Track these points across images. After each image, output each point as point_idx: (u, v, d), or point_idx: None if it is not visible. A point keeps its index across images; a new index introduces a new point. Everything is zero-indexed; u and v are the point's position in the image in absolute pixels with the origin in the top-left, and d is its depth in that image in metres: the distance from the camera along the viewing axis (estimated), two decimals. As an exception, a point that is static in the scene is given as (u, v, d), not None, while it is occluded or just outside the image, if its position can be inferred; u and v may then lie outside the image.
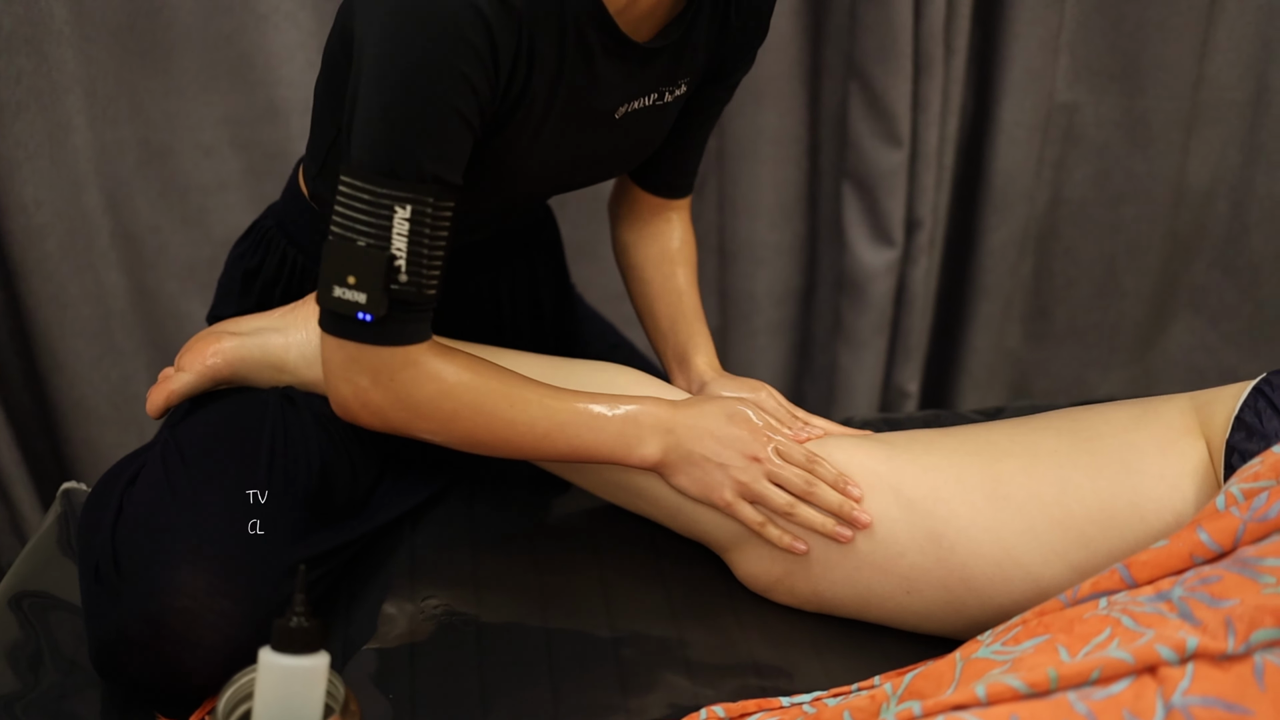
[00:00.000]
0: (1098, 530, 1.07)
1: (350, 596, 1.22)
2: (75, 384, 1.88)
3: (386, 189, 1.02)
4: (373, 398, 1.09)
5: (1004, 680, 0.87)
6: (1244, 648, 0.83)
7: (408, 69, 0.99)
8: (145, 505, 1.11)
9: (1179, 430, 1.09)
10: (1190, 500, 1.05)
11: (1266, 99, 2.00)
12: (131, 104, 1.76)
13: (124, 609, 1.05)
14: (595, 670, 1.13)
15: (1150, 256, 2.11)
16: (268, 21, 1.73)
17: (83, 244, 1.81)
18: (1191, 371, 2.24)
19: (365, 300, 1.03)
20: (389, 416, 1.11)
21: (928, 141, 1.92)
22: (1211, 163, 2.06)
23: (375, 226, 1.02)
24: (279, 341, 1.23)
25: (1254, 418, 1.04)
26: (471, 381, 1.11)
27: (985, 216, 2.03)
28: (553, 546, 1.30)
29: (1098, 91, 1.98)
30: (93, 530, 1.12)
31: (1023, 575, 1.09)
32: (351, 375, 1.08)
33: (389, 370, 1.08)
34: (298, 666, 0.77)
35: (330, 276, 1.03)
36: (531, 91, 1.08)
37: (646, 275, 1.40)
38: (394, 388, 1.09)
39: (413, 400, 1.10)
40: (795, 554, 1.16)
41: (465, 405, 1.11)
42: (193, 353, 1.22)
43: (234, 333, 1.24)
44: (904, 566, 1.13)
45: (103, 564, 1.09)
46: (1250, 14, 1.94)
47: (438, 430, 1.13)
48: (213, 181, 1.84)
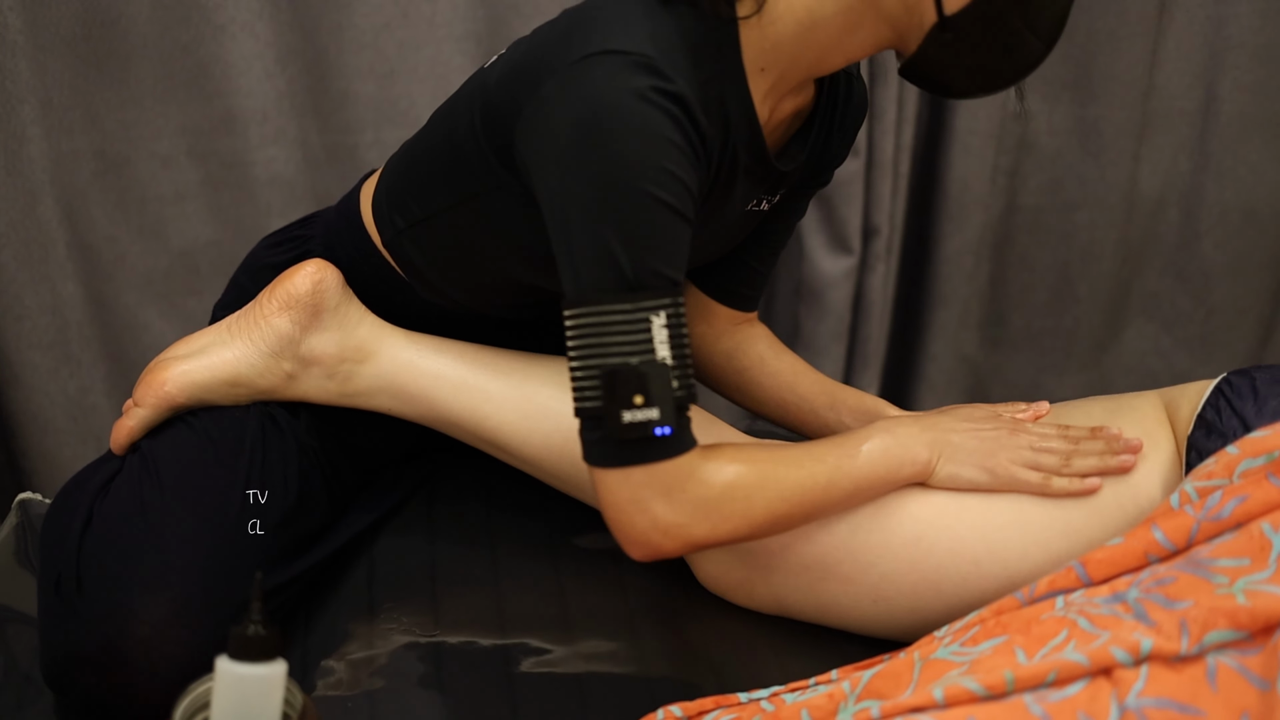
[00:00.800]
0: (1082, 518, 1.09)
1: (310, 608, 1.22)
2: (32, 395, 1.86)
3: (639, 303, 0.98)
4: (671, 519, 1.02)
5: (961, 682, 0.88)
6: (1197, 649, 0.85)
7: (624, 187, 0.97)
8: (114, 521, 1.10)
9: (1152, 421, 1.12)
10: (1158, 489, 1.08)
11: (1215, 108, 2.03)
12: (87, 114, 1.74)
13: (81, 627, 1.04)
14: (554, 676, 1.13)
15: (1104, 263, 2.14)
16: (225, 32, 1.72)
17: (39, 255, 1.79)
18: (1146, 376, 2.27)
19: (659, 415, 0.98)
20: (692, 533, 1.03)
21: (884, 150, 1.93)
22: (1163, 170, 2.09)
23: (637, 342, 0.98)
24: (227, 357, 1.21)
25: (1214, 415, 1.06)
26: (746, 461, 1.06)
27: (941, 224, 2.05)
28: (511, 551, 1.30)
29: (1050, 100, 2.01)
30: (58, 539, 1.11)
31: (999, 569, 1.10)
32: (645, 503, 1.02)
33: (679, 483, 1.02)
34: (255, 675, 0.77)
35: (616, 407, 0.98)
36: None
37: (771, 368, 1.37)
38: (688, 500, 1.02)
39: (708, 504, 1.03)
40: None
41: (754, 488, 1.05)
42: (144, 385, 1.20)
43: (181, 357, 1.22)
44: (874, 577, 1.13)
45: (65, 576, 1.07)
46: (1198, 25, 1.97)
47: (740, 524, 1.06)
48: (170, 192, 1.82)
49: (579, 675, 1.13)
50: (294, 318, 1.21)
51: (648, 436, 0.99)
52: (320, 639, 1.17)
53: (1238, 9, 1.94)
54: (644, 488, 1.01)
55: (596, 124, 0.97)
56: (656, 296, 0.99)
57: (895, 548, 1.12)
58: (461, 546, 1.30)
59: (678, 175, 0.99)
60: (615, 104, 0.97)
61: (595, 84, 0.98)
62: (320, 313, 1.22)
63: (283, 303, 1.21)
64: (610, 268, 0.98)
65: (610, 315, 0.99)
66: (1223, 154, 2.06)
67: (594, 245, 0.99)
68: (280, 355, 1.21)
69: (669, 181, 0.99)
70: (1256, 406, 1.04)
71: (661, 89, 0.98)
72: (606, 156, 0.97)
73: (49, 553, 1.11)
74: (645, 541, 1.03)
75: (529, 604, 1.22)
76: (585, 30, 1.02)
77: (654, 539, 1.03)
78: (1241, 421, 1.03)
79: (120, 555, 1.07)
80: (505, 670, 1.13)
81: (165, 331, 1.90)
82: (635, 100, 0.97)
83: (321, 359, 1.22)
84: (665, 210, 0.99)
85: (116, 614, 1.03)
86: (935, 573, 1.11)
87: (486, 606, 1.21)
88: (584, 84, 0.98)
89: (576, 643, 1.17)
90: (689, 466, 1.01)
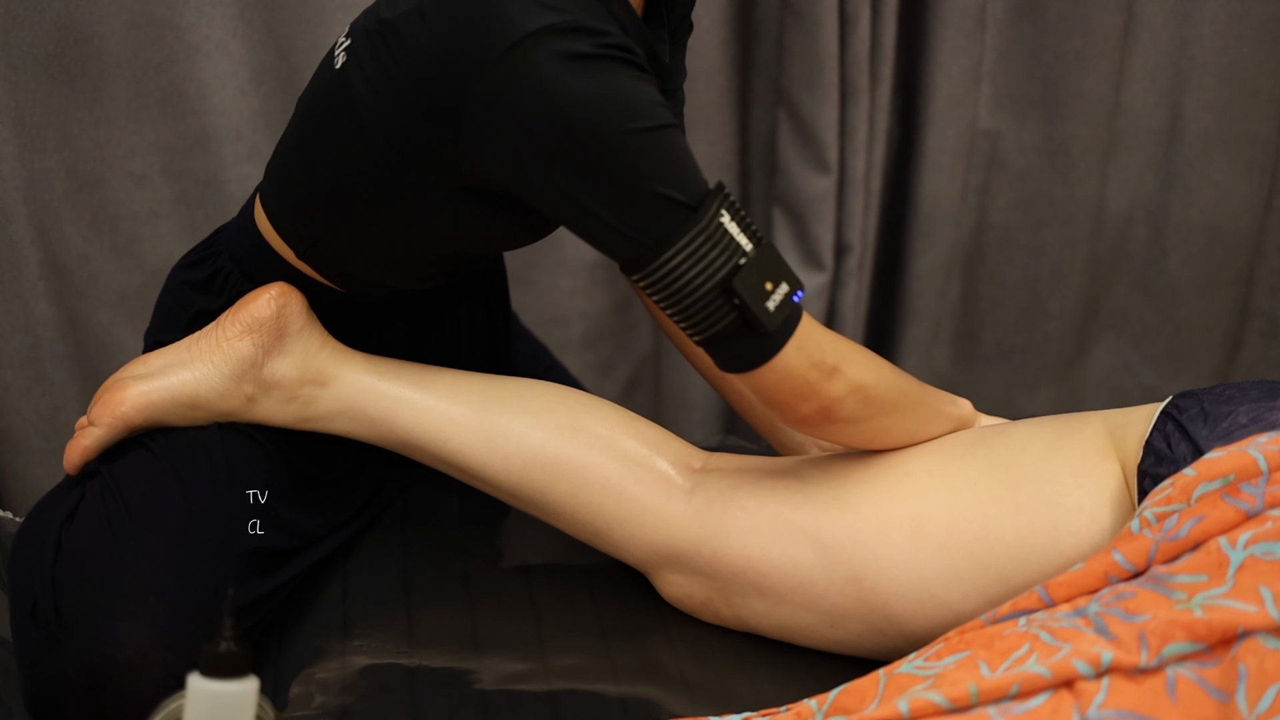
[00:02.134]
0: (1017, 567, 1.07)
1: (282, 626, 1.22)
2: (4, 414, 1.85)
3: (707, 217, 1.01)
4: (833, 360, 1.08)
5: (926, 696, 0.89)
6: (1156, 661, 0.86)
7: (624, 145, 1.00)
8: (85, 548, 1.09)
9: (1095, 455, 1.10)
10: (1107, 530, 1.06)
11: (1180, 127, 2.06)
12: (61, 132, 1.75)
13: (64, 657, 1.04)
14: (526, 693, 1.14)
15: (1073, 279, 2.16)
16: (199, 51, 1.73)
17: (11, 274, 1.79)
18: (1115, 391, 2.29)
19: (789, 285, 1.04)
20: (848, 374, 1.09)
21: (855, 168, 1.95)
22: (1130, 188, 2.11)
23: (726, 246, 1.01)
24: (187, 378, 1.19)
25: (1163, 443, 1.05)
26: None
27: (913, 241, 2.07)
28: (483, 568, 1.30)
29: (1019, 119, 2.03)
30: (28, 568, 1.10)
31: (943, 611, 1.10)
32: (816, 356, 1.07)
33: (820, 336, 1.08)
34: (227, 692, 0.77)
35: (756, 306, 1.02)
36: None
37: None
38: (833, 338, 1.09)
39: (845, 345, 1.11)
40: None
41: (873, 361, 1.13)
42: (101, 404, 1.19)
43: (139, 376, 1.20)
44: (826, 605, 1.13)
45: (41, 606, 1.07)
46: (1163, 45, 1.99)
47: (869, 376, 1.11)
48: (144, 210, 1.82)
49: (551, 687, 1.14)
50: (256, 340, 1.19)
51: (793, 307, 1.04)
52: (293, 657, 1.17)
53: (1201, 30, 1.97)
54: (808, 345, 1.06)
55: (564, 111, 0.98)
56: (711, 201, 1.01)
57: (840, 584, 1.12)
58: (434, 560, 1.30)
59: (652, 98, 1.01)
60: (571, 83, 0.98)
61: (541, 73, 0.99)
62: (284, 336, 1.20)
63: (246, 326, 1.19)
64: (666, 209, 1.01)
65: (691, 244, 1.01)
66: (1188, 172, 2.08)
67: (636, 206, 1.01)
68: (241, 378, 1.19)
69: (650, 108, 1.01)
70: (1208, 429, 1.03)
71: (597, 42, 0.99)
72: (591, 132, 0.99)
73: (20, 581, 1.11)
74: (823, 395, 1.08)
75: (503, 622, 1.22)
76: (488, 15, 1.00)
77: (832, 390, 1.08)
78: (1193, 445, 1.02)
79: (95, 583, 1.07)
80: (479, 682, 1.14)
81: (138, 350, 1.87)
82: (583, 66, 0.98)
83: (283, 383, 1.20)
84: (666, 131, 1.01)
85: (100, 642, 1.04)
86: (884, 608, 1.11)
87: (460, 618, 1.22)
88: (530, 78, 0.99)
89: (550, 659, 1.18)
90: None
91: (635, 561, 1.23)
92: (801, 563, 1.13)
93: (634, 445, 1.21)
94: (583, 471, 1.19)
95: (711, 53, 1.88)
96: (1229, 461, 0.96)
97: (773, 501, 1.16)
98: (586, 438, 1.21)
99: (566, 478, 1.19)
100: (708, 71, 1.90)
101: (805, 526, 1.13)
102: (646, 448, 1.21)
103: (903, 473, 1.15)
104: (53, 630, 1.06)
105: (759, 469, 1.20)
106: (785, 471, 1.19)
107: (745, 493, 1.17)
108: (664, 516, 1.18)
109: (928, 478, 1.13)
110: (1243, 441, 0.98)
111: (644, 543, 1.20)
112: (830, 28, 1.83)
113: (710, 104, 1.93)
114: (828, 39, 1.83)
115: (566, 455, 1.20)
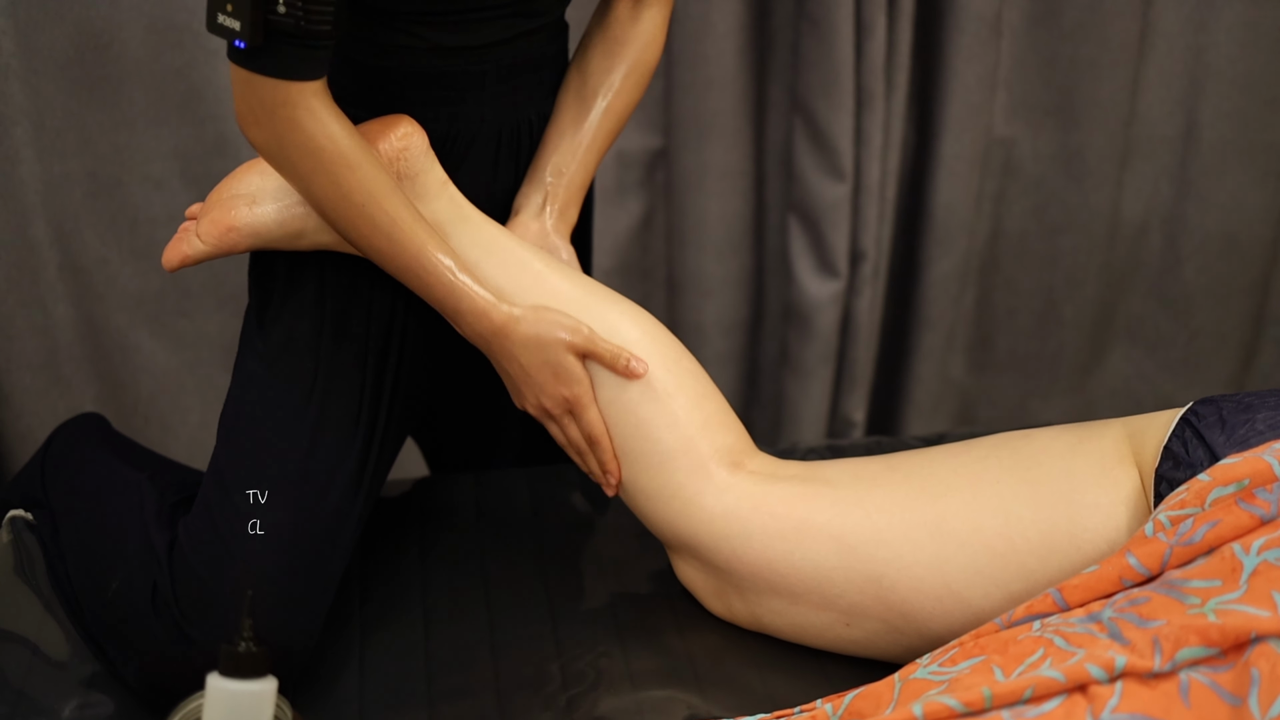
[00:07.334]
0: (1037, 561, 1.08)
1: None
2: (22, 416, 1.87)
3: None
4: (254, 126, 1.09)
5: (941, 700, 0.89)
6: (1170, 666, 0.86)
7: None
8: (194, 542, 1.15)
9: (1114, 459, 1.11)
10: (1124, 529, 1.07)
11: (1195, 134, 2.05)
12: (80, 137, 1.76)
13: (185, 643, 1.11)
14: (540, 688, 1.14)
15: (1088, 287, 2.16)
16: (218, 56, 1.74)
17: (30, 277, 1.80)
18: (1130, 399, 2.28)
19: (239, 27, 1.02)
20: (266, 151, 1.11)
21: (870, 175, 1.95)
22: (1145, 196, 2.11)
23: None
24: (298, 212, 1.18)
25: (1181, 447, 1.06)
26: (341, 151, 1.10)
27: (928, 248, 2.07)
28: (500, 562, 1.31)
29: (1034, 126, 2.03)
30: (123, 557, 1.17)
31: (962, 608, 1.10)
32: (245, 98, 1.08)
33: (269, 105, 1.07)
34: (246, 691, 0.78)
35: (214, 2, 1.02)
36: None
37: (598, 37, 1.31)
38: (272, 124, 1.08)
39: (283, 143, 1.09)
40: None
41: (325, 171, 1.11)
42: (210, 221, 1.19)
43: (248, 197, 1.20)
44: (843, 604, 1.14)
45: (161, 589, 1.13)
46: (1179, 53, 1.99)
47: (296, 184, 1.13)
48: (162, 214, 1.84)
49: (565, 683, 1.14)
50: None
51: (230, 44, 1.04)
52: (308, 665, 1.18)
53: (1217, 38, 1.97)
54: (245, 86, 1.07)
55: None
56: None
57: (859, 583, 1.13)
58: (452, 554, 1.32)
59: None
60: None
61: None
62: (402, 177, 1.19)
63: None
64: None
65: None
66: (1203, 180, 2.08)
67: None
68: None
69: None
70: (1225, 435, 1.04)
71: None
72: None
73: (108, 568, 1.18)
74: (242, 124, 1.10)
75: (516, 610, 1.24)
76: None
77: (245, 127, 1.10)
78: (1210, 451, 1.03)
79: (211, 568, 1.13)
80: (493, 671, 1.14)
81: (156, 353, 1.91)
82: None
83: None
84: None
85: (226, 630, 1.09)
86: (902, 606, 1.12)
87: (475, 612, 1.22)
88: None
89: (563, 648, 1.18)
90: (284, 95, 1.06)
91: (656, 534, 1.23)
92: (822, 564, 1.14)
93: (694, 421, 1.20)
94: (640, 427, 1.20)
95: (727, 60, 1.89)
96: (1244, 467, 0.97)
97: (800, 507, 1.16)
98: (674, 379, 1.21)
99: (633, 410, 1.20)
100: (723, 78, 1.90)
101: (829, 529, 1.14)
102: (702, 430, 1.20)
103: (928, 473, 1.16)
104: (176, 622, 1.12)
105: (796, 475, 1.20)
106: (816, 478, 1.19)
107: (776, 499, 1.17)
108: (692, 507, 1.18)
109: (951, 476, 1.15)
110: (1259, 448, 0.99)
111: (667, 524, 1.20)
112: (846, 35, 1.83)
113: (726, 111, 1.93)
114: (843, 46, 1.84)
115: (649, 388, 1.20)
